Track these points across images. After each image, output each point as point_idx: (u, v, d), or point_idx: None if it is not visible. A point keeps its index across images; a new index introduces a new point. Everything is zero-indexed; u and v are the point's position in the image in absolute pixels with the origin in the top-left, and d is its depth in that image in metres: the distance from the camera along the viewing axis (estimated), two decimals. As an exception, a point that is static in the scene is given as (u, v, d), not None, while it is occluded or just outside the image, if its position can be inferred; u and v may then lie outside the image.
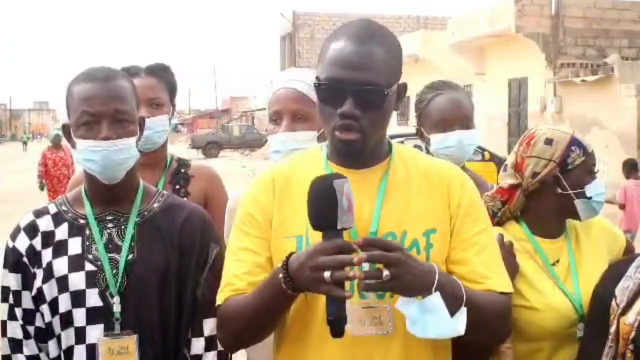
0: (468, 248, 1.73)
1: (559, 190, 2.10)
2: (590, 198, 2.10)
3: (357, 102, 1.62)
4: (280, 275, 1.55)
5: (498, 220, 2.17)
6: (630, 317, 1.83)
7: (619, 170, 9.90)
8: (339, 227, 1.49)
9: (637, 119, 14.60)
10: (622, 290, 1.89)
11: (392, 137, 5.93)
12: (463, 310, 1.58)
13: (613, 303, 1.89)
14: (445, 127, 2.54)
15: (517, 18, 17.63)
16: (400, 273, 1.50)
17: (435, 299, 1.55)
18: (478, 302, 1.64)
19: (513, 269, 2.02)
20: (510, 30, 17.88)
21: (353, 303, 1.64)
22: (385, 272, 1.49)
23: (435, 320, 1.55)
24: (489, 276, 1.71)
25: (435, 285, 1.55)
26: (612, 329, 1.86)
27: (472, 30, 19.31)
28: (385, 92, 1.65)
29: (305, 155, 1.84)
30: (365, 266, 1.65)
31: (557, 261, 2.12)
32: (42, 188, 12.14)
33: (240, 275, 1.71)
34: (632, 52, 18.13)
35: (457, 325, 1.57)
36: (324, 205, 1.49)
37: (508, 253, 2.02)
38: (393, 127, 24.43)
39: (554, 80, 17.33)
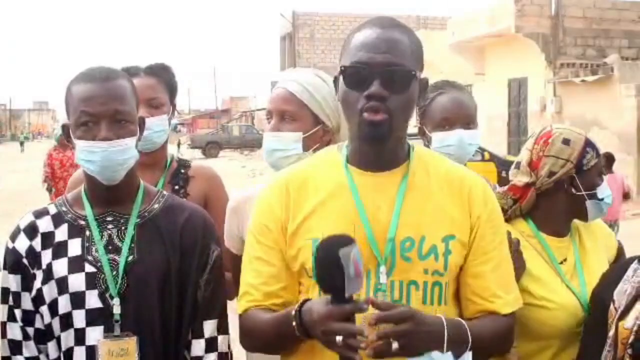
0: (486, 262, 1.73)
1: (573, 191, 2.10)
2: (601, 199, 2.11)
3: (385, 83, 1.64)
4: (294, 324, 1.59)
5: (507, 217, 2.16)
6: (628, 322, 1.82)
7: (619, 171, 9.91)
8: (347, 296, 1.48)
9: (637, 119, 14.60)
10: (620, 294, 1.88)
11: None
12: (468, 354, 1.62)
13: (611, 307, 1.88)
14: (446, 126, 2.54)
15: (517, 18, 17.63)
16: (409, 343, 1.53)
17: (446, 358, 1.58)
18: (482, 338, 1.66)
19: (520, 267, 2.01)
20: (510, 30, 17.88)
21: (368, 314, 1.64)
22: (395, 345, 1.51)
23: None
24: (500, 295, 1.73)
25: (445, 343, 1.58)
26: (610, 333, 1.85)
27: (472, 30, 19.30)
28: (413, 72, 1.67)
29: (321, 159, 1.83)
30: (383, 272, 1.68)
31: (565, 259, 2.12)
32: (50, 191, 11.05)
33: (256, 285, 1.75)
34: (632, 52, 18.13)
35: None
36: (331, 275, 1.47)
37: (515, 251, 2.01)
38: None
39: (554, 80, 17.33)
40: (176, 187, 2.56)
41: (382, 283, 1.66)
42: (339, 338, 1.48)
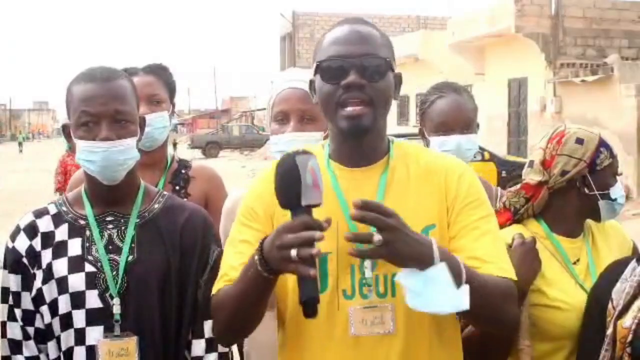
0: (466, 234, 1.70)
1: (586, 190, 2.10)
2: (614, 200, 2.11)
3: (361, 72, 1.66)
4: (256, 258, 1.54)
5: (519, 217, 2.15)
6: (627, 321, 1.82)
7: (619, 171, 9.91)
8: (303, 204, 1.45)
9: (637, 119, 14.59)
10: (619, 293, 1.88)
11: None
12: (465, 287, 1.51)
13: (609, 306, 1.88)
14: (445, 131, 2.54)
15: (517, 18, 17.62)
16: (393, 239, 1.46)
17: (440, 270, 1.48)
18: (479, 280, 1.58)
19: (536, 266, 2.01)
20: (510, 30, 17.87)
21: (354, 303, 1.65)
22: (377, 237, 1.44)
23: (439, 293, 1.48)
24: (489, 261, 1.66)
25: (436, 256, 1.50)
26: (609, 332, 1.85)
27: (472, 30, 19.29)
28: (388, 60, 1.70)
29: None
30: (367, 267, 1.65)
31: (578, 260, 2.11)
32: None
33: (236, 266, 1.68)
34: (632, 52, 18.12)
35: (462, 299, 1.50)
36: (288, 183, 1.46)
37: (531, 250, 2.01)
38: (393, 127, 24.46)
39: (554, 80, 17.32)
40: (177, 187, 2.56)
41: (367, 277, 1.67)
42: (293, 252, 1.42)
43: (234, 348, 2.09)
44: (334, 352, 1.67)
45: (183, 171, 2.62)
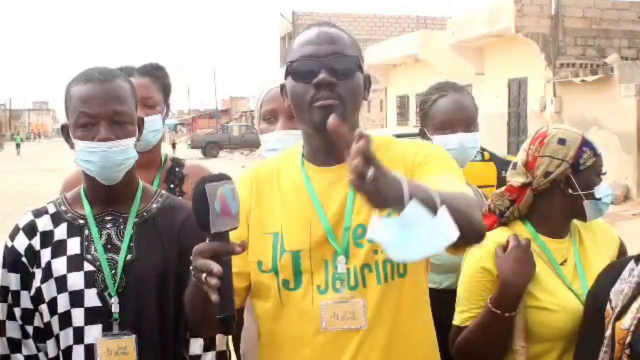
0: (420, 177, 1.68)
1: (570, 191, 2.09)
2: (599, 199, 2.09)
3: (331, 71, 1.70)
4: (191, 267, 1.56)
5: (505, 220, 2.15)
6: (625, 322, 1.81)
7: (619, 171, 9.91)
8: (212, 232, 1.47)
9: (637, 119, 14.58)
10: (617, 293, 1.87)
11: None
12: (443, 212, 1.35)
13: (608, 307, 1.87)
14: (447, 129, 2.54)
15: (516, 18, 17.61)
16: (379, 176, 1.34)
17: (413, 209, 1.32)
18: (448, 196, 1.44)
19: (531, 268, 2.01)
20: (510, 30, 17.87)
21: (327, 298, 1.69)
22: (372, 171, 1.32)
23: (421, 234, 1.31)
24: (450, 184, 1.60)
25: (405, 194, 1.34)
26: (607, 333, 1.84)
27: (472, 31, 19.29)
28: (357, 58, 1.75)
29: (287, 154, 1.88)
30: (341, 262, 1.68)
31: (565, 261, 2.11)
32: None
33: None
34: (631, 52, 18.12)
35: (446, 228, 1.33)
36: (198, 211, 1.48)
37: (526, 252, 2.01)
38: (393, 127, 24.44)
39: (554, 80, 17.32)
40: (171, 185, 2.56)
41: (341, 272, 1.70)
42: (203, 275, 1.46)
43: (231, 348, 2.09)
44: (309, 348, 1.71)
45: (177, 169, 2.62)
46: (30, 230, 1.98)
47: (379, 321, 1.69)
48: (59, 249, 1.95)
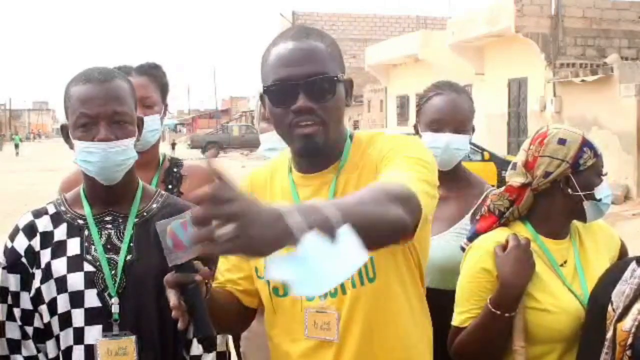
0: (381, 171, 1.62)
1: (569, 191, 2.08)
2: (599, 200, 2.08)
3: (309, 94, 1.64)
4: None
5: (505, 220, 2.14)
6: (627, 324, 1.80)
7: (619, 171, 9.90)
8: (170, 265, 1.54)
9: (637, 119, 14.58)
10: (618, 295, 1.86)
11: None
12: (344, 232, 1.16)
13: (609, 308, 1.86)
14: (436, 128, 2.51)
15: (516, 18, 17.62)
16: (243, 227, 1.09)
17: (308, 241, 1.13)
18: (356, 206, 1.27)
19: (530, 268, 2.00)
20: (510, 30, 17.88)
21: (313, 305, 1.70)
22: (221, 231, 1.10)
23: (323, 265, 1.13)
24: (393, 179, 1.49)
25: (293, 227, 1.11)
26: (609, 334, 1.83)
27: (472, 31, 19.30)
28: (335, 78, 1.67)
29: (281, 160, 1.88)
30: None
31: (565, 262, 2.10)
32: None
33: (222, 271, 1.84)
34: (631, 52, 18.13)
35: (351, 253, 1.16)
36: (158, 247, 1.57)
37: (525, 252, 2.01)
38: (393, 126, 24.43)
39: (554, 80, 17.32)
40: (169, 186, 2.55)
41: None
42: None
43: (231, 348, 2.09)
44: (298, 351, 1.73)
45: (175, 170, 2.62)
46: (30, 230, 1.98)
47: (349, 334, 1.68)
48: (58, 249, 1.94)
